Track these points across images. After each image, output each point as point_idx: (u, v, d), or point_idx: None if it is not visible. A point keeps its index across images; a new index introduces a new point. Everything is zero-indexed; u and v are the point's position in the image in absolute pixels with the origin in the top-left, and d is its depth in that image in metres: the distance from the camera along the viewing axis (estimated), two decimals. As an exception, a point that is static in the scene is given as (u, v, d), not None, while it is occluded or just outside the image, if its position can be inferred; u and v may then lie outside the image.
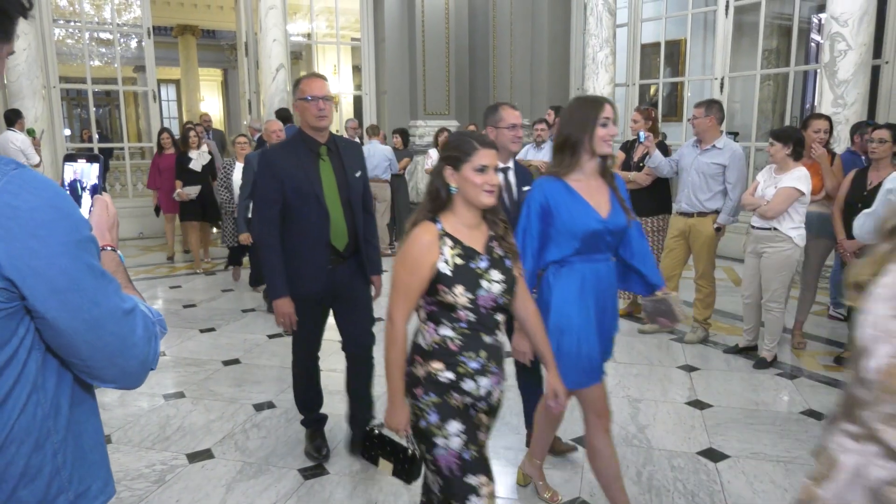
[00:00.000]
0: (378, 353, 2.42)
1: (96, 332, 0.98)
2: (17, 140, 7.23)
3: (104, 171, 1.23)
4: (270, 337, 4.89)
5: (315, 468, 3.00)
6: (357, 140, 8.72)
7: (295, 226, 2.79)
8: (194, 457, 3.10)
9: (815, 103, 7.05)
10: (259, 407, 3.66)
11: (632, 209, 4.59)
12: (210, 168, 7.27)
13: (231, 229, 6.12)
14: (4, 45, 1.00)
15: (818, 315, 5.21)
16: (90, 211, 1.18)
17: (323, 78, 2.84)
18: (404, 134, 8.52)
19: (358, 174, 2.91)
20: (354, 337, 3.03)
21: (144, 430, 3.40)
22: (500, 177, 2.70)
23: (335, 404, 3.67)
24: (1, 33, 0.98)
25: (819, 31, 9.59)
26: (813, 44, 9.65)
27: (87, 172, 1.20)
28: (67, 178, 1.20)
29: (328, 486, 2.86)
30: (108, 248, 1.14)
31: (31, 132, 7.46)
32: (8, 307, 0.92)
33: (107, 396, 3.82)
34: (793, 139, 3.96)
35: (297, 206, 2.76)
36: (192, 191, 7.01)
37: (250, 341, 4.79)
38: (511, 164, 2.90)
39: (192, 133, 7.25)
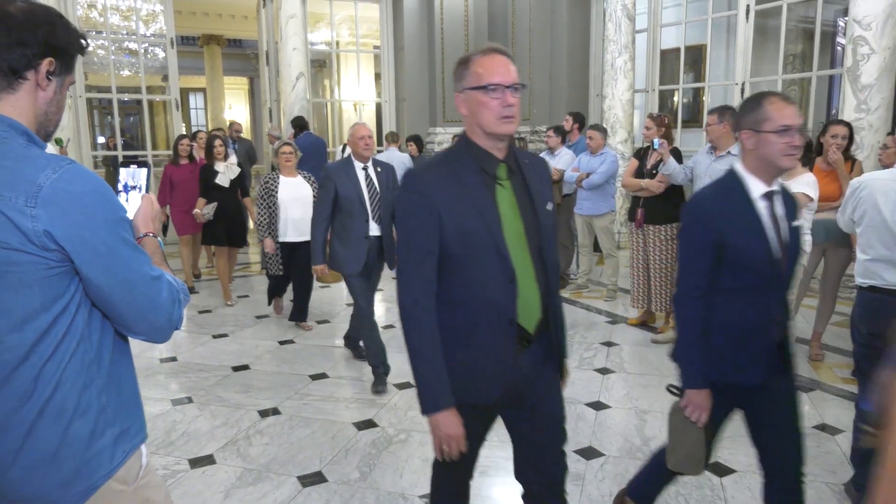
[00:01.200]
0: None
1: (130, 292, 1.23)
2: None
3: (149, 175, 1.54)
4: (281, 343, 4.92)
5: (314, 476, 3.00)
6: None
7: (460, 291, 1.77)
8: (196, 462, 3.12)
9: (838, 109, 6.90)
10: (264, 413, 3.67)
11: (645, 217, 4.57)
12: (238, 182, 6.13)
13: (274, 255, 5.20)
14: (67, 76, 1.29)
15: (839, 326, 5.08)
16: (139, 205, 1.45)
17: (506, 54, 1.79)
18: (419, 141, 8.53)
19: (550, 206, 1.88)
20: (540, 465, 1.98)
21: (150, 434, 3.41)
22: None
23: (339, 411, 3.67)
24: (65, 68, 1.27)
25: (844, 34, 9.40)
26: (839, 48, 9.45)
27: (137, 175, 1.52)
28: (123, 179, 1.52)
29: (325, 493, 2.85)
30: (151, 235, 1.40)
31: (58, 142, 7.66)
32: (61, 267, 1.18)
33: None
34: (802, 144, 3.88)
35: (462, 259, 1.75)
36: (209, 210, 5.84)
37: (262, 347, 4.82)
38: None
39: (217, 142, 6.01)
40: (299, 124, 8.27)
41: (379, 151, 8.89)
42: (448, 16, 9.99)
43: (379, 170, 4.10)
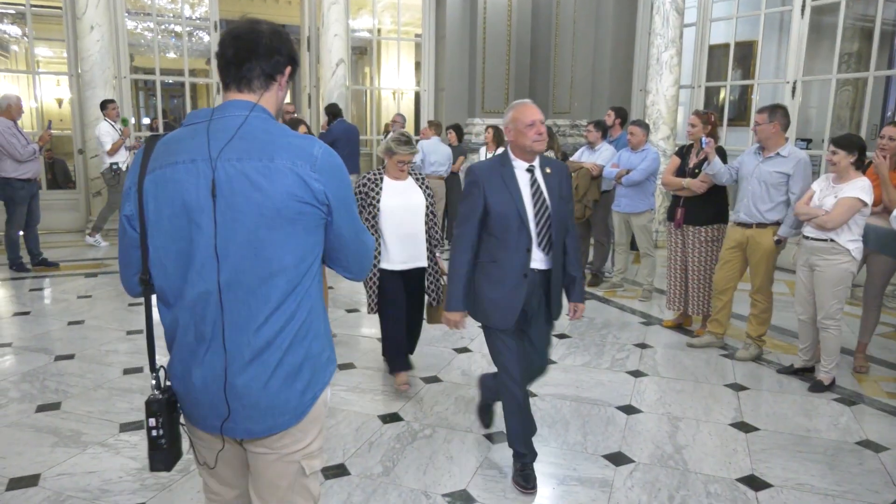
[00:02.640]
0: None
1: (357, 238, 1.63)
2: (100, 129, 7.72)
3: None
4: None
5: (336, 468, 2.97)
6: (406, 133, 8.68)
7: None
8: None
9: (894, 111, 6.61)
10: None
11: (684, 218, 4.48)
12: None
13: (372, 287, 3.79)
14: (287, 83, 1.61)
15: (885, 337, 4.87)
16: None
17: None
18: (459, 130, 8.45)
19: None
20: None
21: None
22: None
23: (364, 403, 3.65)
24: (293, 74, 1.60)
25: (905, 33, 8.99)
26: (898, 47, 9.06)
27: None
28: None
29: (347, 487, 2.82)
30: None
31: (124, 121, 7.78)
32: (326, 218, 1.54)
33: (147, 381, 3.90)
34: (856, 147, 3.71)
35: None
36: None
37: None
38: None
39: (302, 128, 4.71)
40: (333, 111, 8.25)
41: (417, 140, 8.83)
42: (491, 6, 9.86)
43: (549, 171, 2.79)
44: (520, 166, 2.74)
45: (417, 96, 12.04)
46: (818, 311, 3.89)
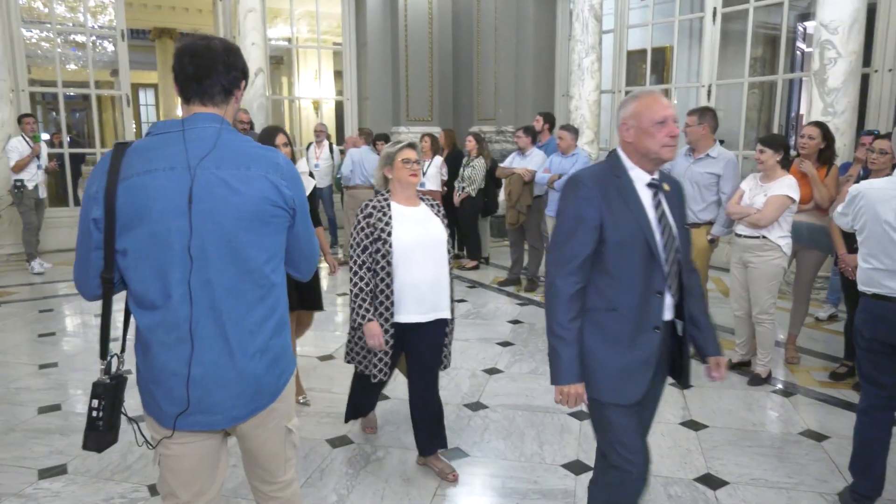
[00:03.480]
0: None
1: (309, 240, 1.80)
2: (10, 144, 7.22)
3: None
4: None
5: None
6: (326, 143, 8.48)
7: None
8: (156, 488, 2.86)
9: (805, 112, 6.98)
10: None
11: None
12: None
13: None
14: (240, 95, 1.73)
15: (809, 328, 5.09)
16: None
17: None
18: (387, 140, 8.30)
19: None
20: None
21: (104, 458, 3.15)
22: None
23: (310, 427, 3.46)
24: (245, 86, 1.73)
25: (804, 39, 9.56)
26: (798, 52, 9.62)
27: None
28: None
29: (301, 520, 2.64)
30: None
31: (35, 138, 7.21)
32: (290, 221, 1.70)
33: (67, 420, 3.58)
34: (782, 146, 3.85)
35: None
36: None
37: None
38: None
39: (281, 137, 3.43)
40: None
41: (342, 150, 8.63)
42: (412, 13, 9.80)
43: (668, 188, 2.09)
44: (640, 179, 2.02)
45: (339, 105, 11.82)
46: (753, 307, 4.01)
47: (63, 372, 4.31)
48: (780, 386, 4.02)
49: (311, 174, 4.22)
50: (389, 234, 2.78)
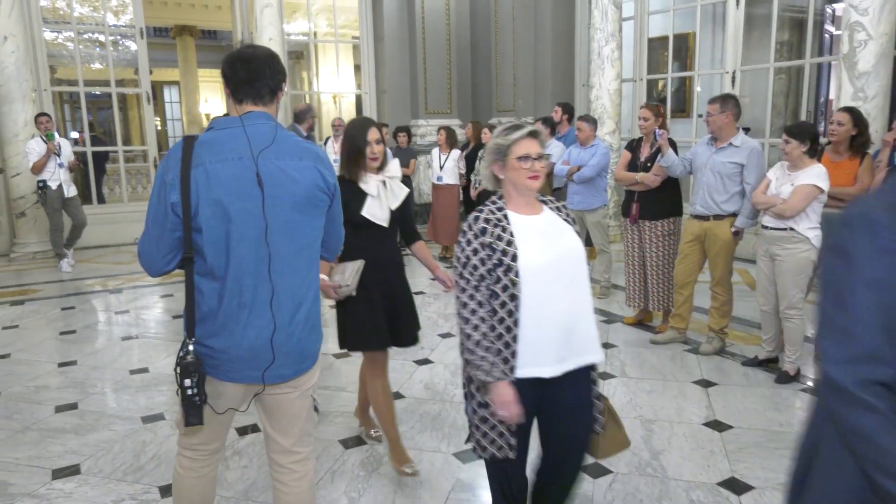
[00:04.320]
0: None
1: (340, 223, 2.09)
2: (28, 145, 7.27)
3: None
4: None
5: None
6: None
7: None
8: (167, 490, 2.84)
9: (834, 97, 6.75)
10: (242, 431, 3.39)
11: (640, 213, 4.24)
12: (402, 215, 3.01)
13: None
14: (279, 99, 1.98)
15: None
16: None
17: None
18: (408, 132, 8.23)
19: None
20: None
21: (117, 458, 3.15)
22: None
23: (324, 427, 3.41)
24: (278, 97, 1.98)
25: (833, 22, 9.26)
26: (827, 35, 9.31)
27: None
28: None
29: (311, 525, 2.60)
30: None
31: (49, 136, 7.25)
32: (330, 204, 1.99)
33: (83, 419, 3.58)
34: (808, 136, 3.69)
35: None
36: (353, 276, 2.77)
37: (239, 355, 4.53)
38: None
39: (373, 132, 2.85)
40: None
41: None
42: (429, 5, 9.70)
43: None
44: None
45: (359, 99, 11.78)
46: (780, 301, 3.86)
47: (82, 370, 4.33)
48: (809, 384, 3.87)
49: (405, 181, 3.37)
50: (515, 256, 1.95)
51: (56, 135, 7.23)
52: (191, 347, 1.83)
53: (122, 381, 4.13)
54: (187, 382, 1.80)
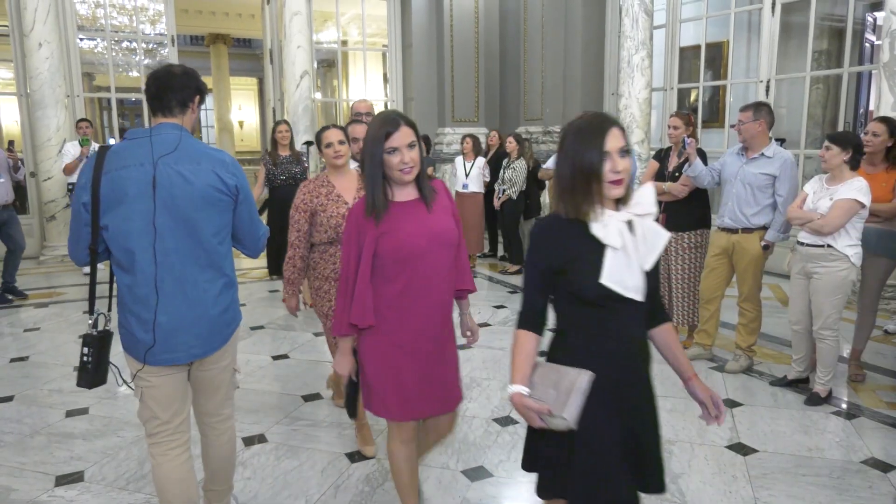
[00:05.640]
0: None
1: (251, 221, 2.29)
2: (66, 147, 7.48)
3: None
4: (275, 358, 4.58)
5: (298, 519, 2.66)
6: None
7: None
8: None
9: (874, 107, 6.51)
10: (249, 441, 3.33)
11: (666, 224, 4.04)
12: None
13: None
14: (201, 106, 2.26)
15: (876, 341, 4.68)
16: None
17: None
18: (427, 140, 8.18)
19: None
20: None
21: (122, 465, 3.11)
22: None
23: (330, 439, 3.33)
24: (201, 101, 2.24)
25: (874, 30, 8.95)
26: (867, 44, 9.01)
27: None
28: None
29: (310, 542, 2.51)
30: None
31: (84, 141, 7.37)
32: (234, 204, 2.19)
33: (92, 423, 3.56)
34: (852, 144, 3.50)
35: None
36: None
37: (253, 363, 4.49)
38: None
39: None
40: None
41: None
42: (458, 13, 9.65)
43: None
44: None
45: (386, 107, 11.77)
46: (815, 321, 3.67)
47: (96, 374, 4.32)
48: (842, 406, 3.67)
49: None
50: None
51: (92, 142, 7.32)
52: (97, 324, 2.22)
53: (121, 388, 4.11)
54: (84, 350, 2.19)
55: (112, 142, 18.64)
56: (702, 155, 4.42)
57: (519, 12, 9.66)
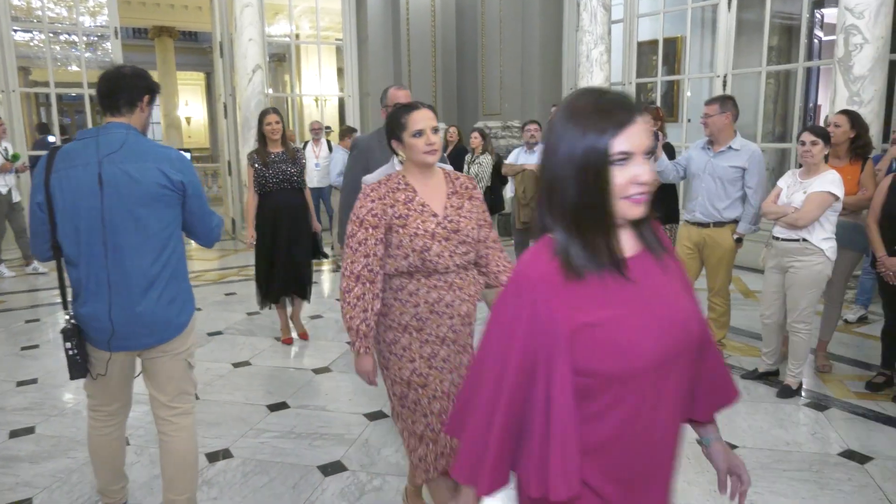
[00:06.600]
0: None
1: (203, 215, 2.36)
2: None
3: None
4: (235, 366, 4.37)
5: (271, 540, 2.50)
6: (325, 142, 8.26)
7: None
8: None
9: (824, 102, 6.64)
10: (213, 457, 3.14)
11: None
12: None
13: None
14: (152, 104, 2.35)
15: (838, 331, 4.74)
16: None
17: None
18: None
19: None
20: None
21: (74, 490, 2.88)
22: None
23: (301, 451, 3.17)
24: (152, 100, 2.33)
25: (821, 27, 9.18)
26: (816, 40, 9.23)
27: None
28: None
29: (285, 565, 2.36)
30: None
31: (15, 157, 6.95)
32: (182, 199, 2.26)
33: (39, 444, 3.30)
34: (827, 138, 3.52)
35: None
36: None
37: (212, 371, 4.27)
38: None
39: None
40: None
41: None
42: (414, 6, 9.50)
43: None
44: None
45: (342, 102, 11.54)
46: (790, 314, 3.68)
47: (42, 389, 4.05)
48: (811, 398, 3.70)
49: None
50: None
51: (22, 156, 6.99)
52: (69, 318, 2.25)
53: (83, 402, 3.83)
54: (68, 345, 2.24)
55: (51, 139, 17.88)
56: (669, 149, 4.40)
57: (476, 7, 9.57)
